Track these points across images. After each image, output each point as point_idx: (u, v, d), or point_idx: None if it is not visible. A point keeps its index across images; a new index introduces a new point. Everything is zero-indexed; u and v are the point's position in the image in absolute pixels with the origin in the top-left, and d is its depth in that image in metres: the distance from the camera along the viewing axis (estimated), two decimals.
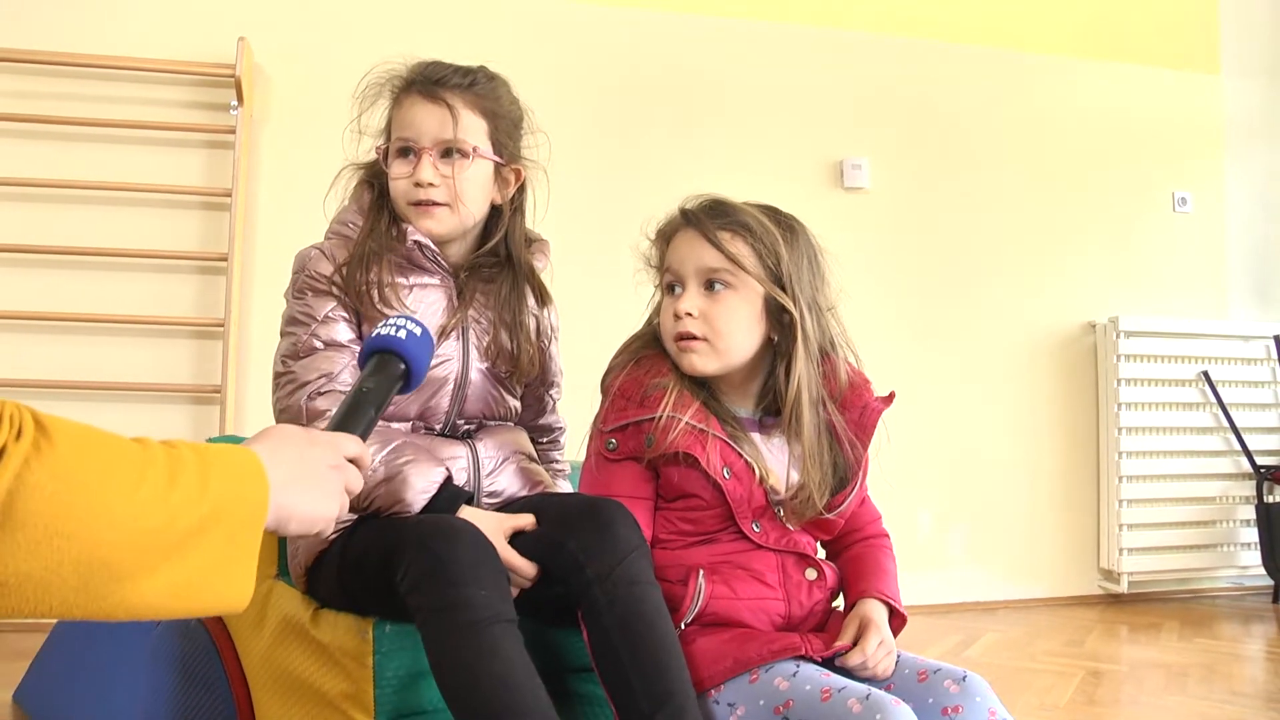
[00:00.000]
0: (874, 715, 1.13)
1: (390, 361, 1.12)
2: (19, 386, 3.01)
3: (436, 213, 1.46)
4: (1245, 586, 4.03)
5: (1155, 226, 4.09)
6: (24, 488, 0.66)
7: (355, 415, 1.06)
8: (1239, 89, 4.25)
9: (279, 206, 3.27)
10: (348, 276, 1.43)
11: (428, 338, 1.16)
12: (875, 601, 1.41)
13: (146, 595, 0.73)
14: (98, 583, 0.70)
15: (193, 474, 0.76)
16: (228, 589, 0.79)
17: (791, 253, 1.42)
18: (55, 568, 0.67)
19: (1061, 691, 2.53)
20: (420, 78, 1.47)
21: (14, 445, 0.66)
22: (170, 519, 0.73)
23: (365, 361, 1.14)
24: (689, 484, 1.39)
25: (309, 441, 0.94)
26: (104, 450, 0.72)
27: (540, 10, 3.56)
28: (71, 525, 0.68)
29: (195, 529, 0.75)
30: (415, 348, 1.13)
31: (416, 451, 1.39)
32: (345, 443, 0.99)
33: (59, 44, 3.15)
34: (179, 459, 0.76)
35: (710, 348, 1.41)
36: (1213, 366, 3.95)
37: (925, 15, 3.92)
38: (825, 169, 3.76)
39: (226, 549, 0.78)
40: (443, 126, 1.45)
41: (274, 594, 1.49)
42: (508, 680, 1.13)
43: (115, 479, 0.71)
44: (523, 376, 1.57)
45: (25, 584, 0.67)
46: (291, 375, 1.40)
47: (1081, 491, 3.92)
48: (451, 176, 1.45)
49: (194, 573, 0.76)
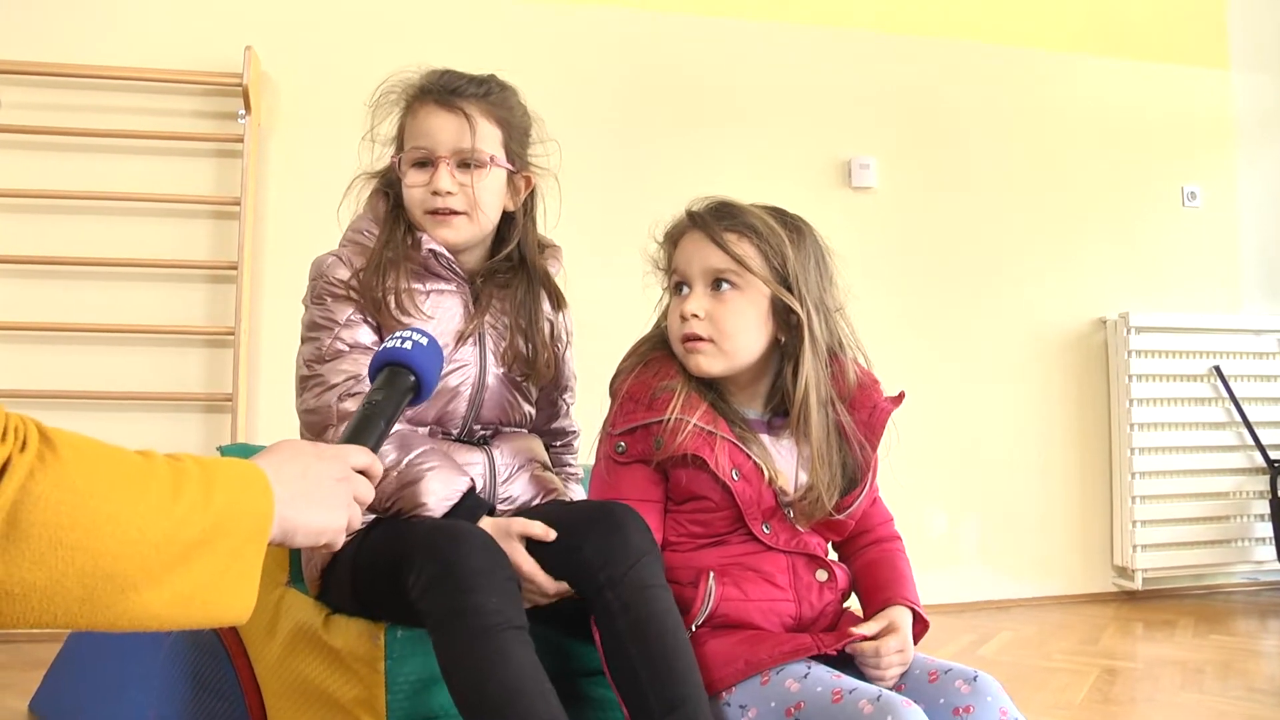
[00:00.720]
0: (885, 716, 1.13)
1: (399, 374, 1.13)
2: (31, 397, 3.02)
3: (454, 222, 1.47)
4: (1261, 582, 4.01)
5: (1165, 222, 4.08)
6: (29, 499, 0.66)
7: (365, 428, 1.07)
8: (1248, 84, 4.23)
9: (288, 214, 3.28)
10: (364, 283, 1.44)
11: (435, 348, 1.17)
12: (904, 609, 1.40)
13: (151, 606, 0.73)
14: (102, 593, 0.70)
15: (197, 486, 0.76)
16: (232, 601, 0.80)
17: (798, 253, 1.42)
18: (60, 578, 0.68)
19: (1076, 690, 2.52)
20: (436, 87, 1.48)
21: (19, 457, 0.67)
22: (175, 530, 0.74)
23: (375, 374, 1.15)
24: (698, 486, 1.39)
25: (315, 455, 0.94)
26: (108, 462, 0.72)
27: (547, 14, 3.56)
28: (76, 536, 0.68)
29: (200, 541, 0.75)
30: (423, 359, 1.14)
31: (441, 458, 1.40)
32: (354, 454, 0.99)
33: (66, 56, 3.17)
34: (183, 471, 0.77)
35: (717, 349, 1.41)
36: (1224, 361, 3.93)
37: (932, 14, 3.92)
38: (833, 168, 3.76)
39: (230, 561, 0.79)
40: (460, 136, 1.46)
41: (286, 600, 1.50)
42: (518, 686, 1.13)
43: (120, 490, 0.71)
44: (539, 380, 1.58)
45: (31, 594, 0.67)
46: (319, 378, 1.41)
47: (1094, 488, 3.91)
48: (469, 185, 1.46)
49: (198, 584, 0.76)
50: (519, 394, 1.55)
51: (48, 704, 2.15)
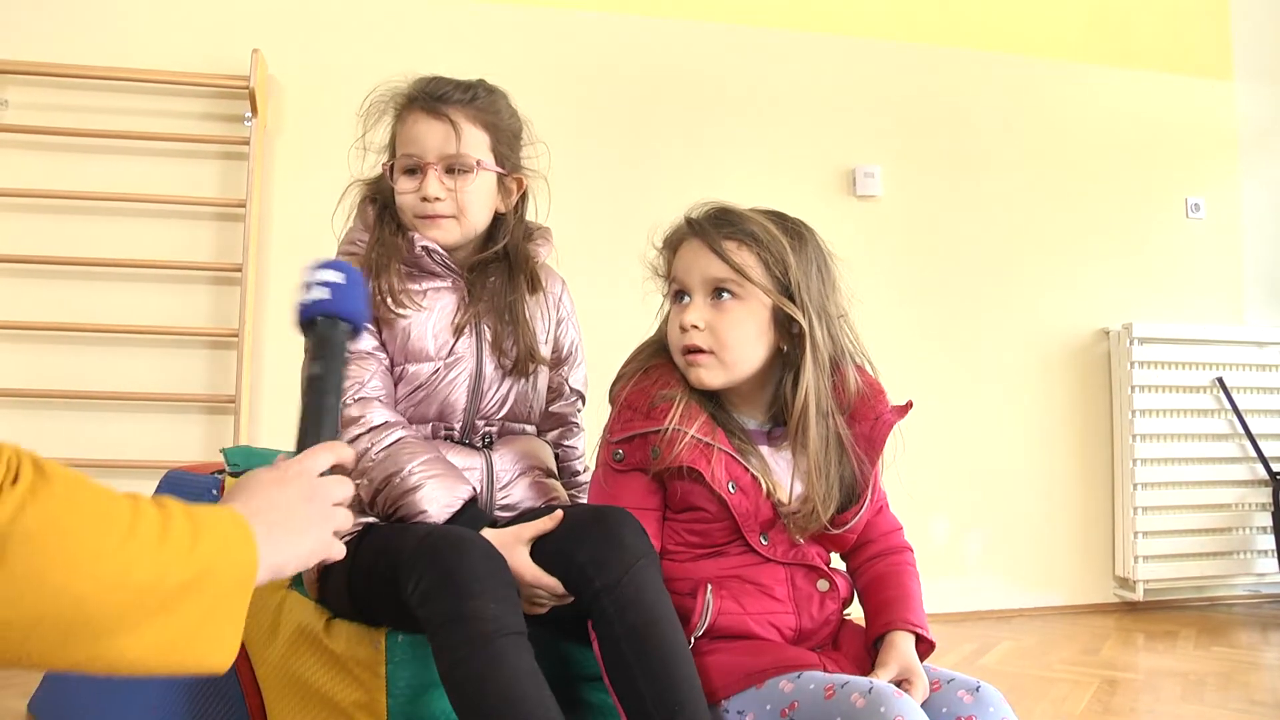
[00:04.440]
0: (878, 708, 1.13)
1: (329, 327, 1.03)
2: (35, 397, 3.03)
3: (444, 224, 1.50)
4: (1262, 594, 4.00)
5: (1169, 233, 4.07)
6: (17, 532, 0.65)
7: (317, 418, 0.99)
8: (1252, 94, 4.23)
9: (293, 217, 3.28)
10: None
11: (350, 272, 1.06)
12: (905, 634, 1.36)
13: (129, 652, 0.71)
14: (80, 635, 0.68)
15: (183, 532, 0.75)
16: (211, 650, 0.78)
17: (799, 260, 1.39)
18: (39, 617, 0.66)
19: (1077, 700, 2.51)
20: (422, 94, 1.51)
21: (9, 490, 0.65)
22: (160, 575, 0.72)
23: (304, 333, 1.04)
24: (695, 497, 1.38)
25: (278, 483, 0.91)
26: (97, 502, 0.71)
27: (551, 20, 3.57)
28: (60, 576, 0.66)
29: (184, 587, 0.74)
30: (342, 297, 1.03)
31: (443, 466, 1.41)
32: (315, 460, 0.95)
33: (73, 57, 3.18)
34: (170, 516, 0.75)
35: (717, 361, 1.39)
36: (1227, 373, 3.92)
37: (937, 22, 3.92)
38: (838, 176, 3.76)
39: (213, 610, 0.77)
40: (446, 142, 1.48)
41: (287, 604, 1.50)
42: (517, 692, 1.13)
43: (106, 530, 0.70)
44: (537, 364, 1.58)
45: (8, 632, 0.65)
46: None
47: (1096, 499, 3.90)
48: (455, 190, 1.49)
49: (179, 632, 0.74)
50: (518, 383, 1.56)
51: (47, 705, 2.15)
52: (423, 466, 1.38)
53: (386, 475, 1.37)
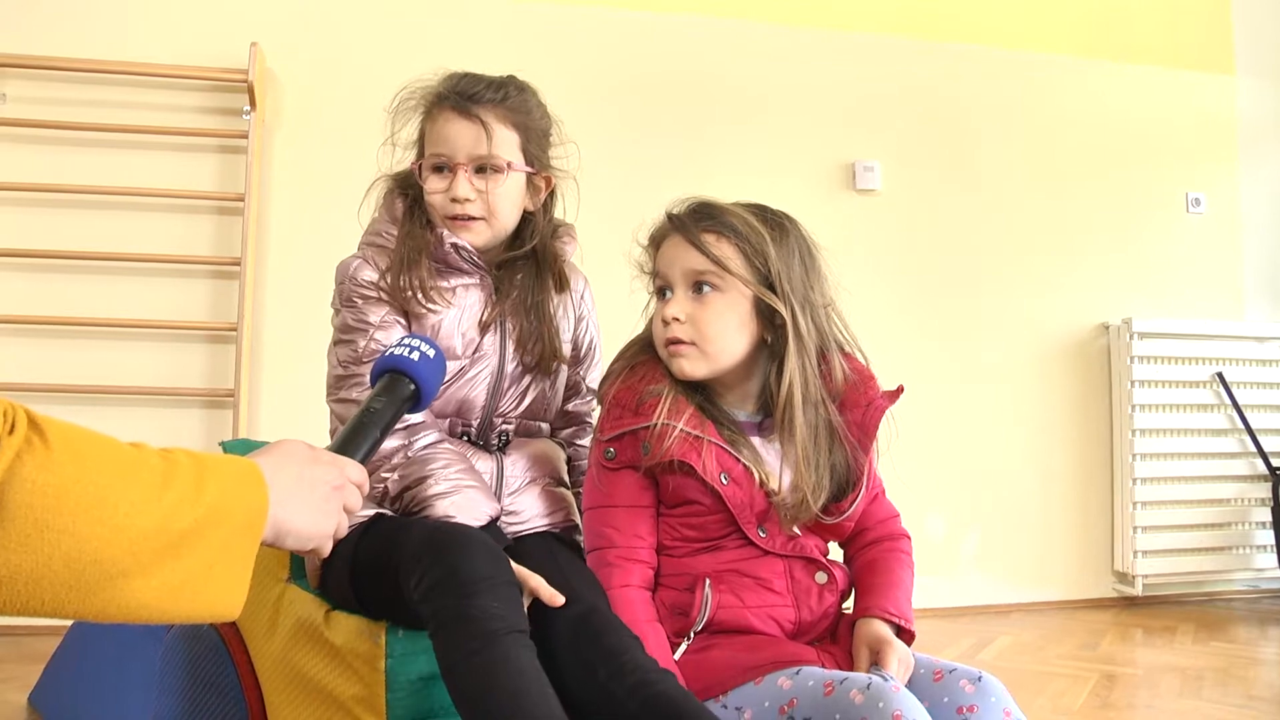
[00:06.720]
0: (876, 703, 1.13)
1: (400, 382, 1.13)
2: (33, 390, 3.02)
3: (474, 226, 1.49)
4: (1261, 589, 4.00)
5: (1169, 227, 4.07)
6: (15, 481, 0.66)
7: (360, 437, 1.06)
8: (1253, 89, 4.23)
9: (291, 210, 3.28)
10: (392, 282, 1.46)
11: (440, 362, 1.18)
12: (878, 621, 1.36)
13: (139, 595, 0.73)
14: (90, 580, 0.69)
15: (188, 478, 0.76)
16: (221, 594, 0.79)
17: (780, 251, 1.40)
18: (47, 562, 0.67)
19: (1075, 695, 2.51)
20: (453, 93, 1.49)
21: (6, 439, 0.67)
22: (164, 519, 0.73)
23: (376, 378, 1.14)
24: (688, 491, 1.38)
25: (313, 460, 0.94)
26: (98, 449, 0.72)
27: (551, 14, 3.56)
28: (63, 520, 0.67)
29: (190, 531, 0.75)
30: (427, 371, 1.14)
31: (478, 479, 1.41)
32: (350, 467, 0.99)
33: (71, 50, 3.17)
34: (175, 463, 0.76)
35: (699, 351, 1.39)
36: (1227, 368, 3.92)
37: (937, 17, 3.91)
38: (837, 171, 3.76)
39: (221, 553, 0.78)
40: (477, 143, 1.47)
41: (287, 597, 1.50)
42: (519, 690, 1.12)
43: (109, 477, 0.71)
44: (559, 362, 1.57)
45: (16, 578, 0.67)
46: (357, 377, 1.44)
47: (1095, 494, 3.90)
48: (486, 191, 1.48)
49: (188, 575, 0.75)
50: (538, 381, 1.55)
51: (47, 698, 2.15)
52: (457, 475, 1.39)
53: (420, 476, 1.38)
